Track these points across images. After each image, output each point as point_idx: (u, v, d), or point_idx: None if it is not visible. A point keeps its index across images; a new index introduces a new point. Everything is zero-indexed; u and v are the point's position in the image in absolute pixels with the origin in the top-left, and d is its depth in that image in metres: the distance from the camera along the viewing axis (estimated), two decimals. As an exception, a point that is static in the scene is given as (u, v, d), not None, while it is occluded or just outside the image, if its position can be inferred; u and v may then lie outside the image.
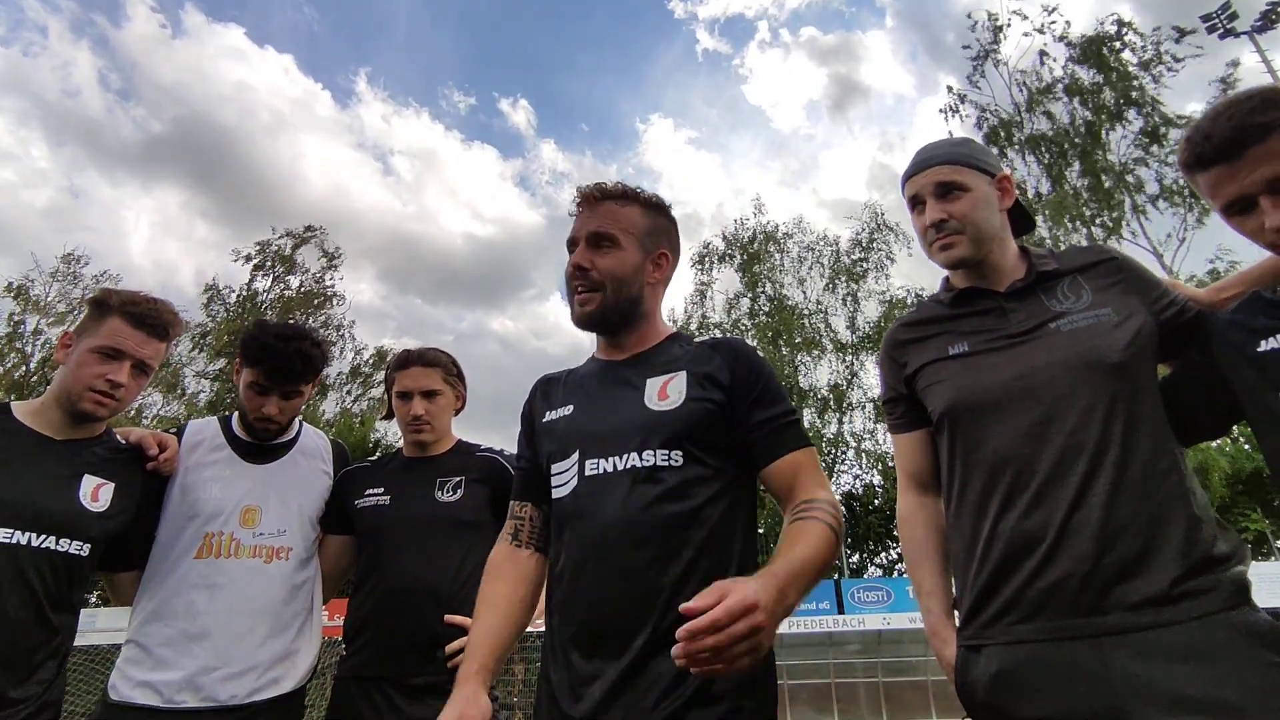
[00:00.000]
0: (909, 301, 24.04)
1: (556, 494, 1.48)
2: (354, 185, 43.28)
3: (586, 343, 1.69)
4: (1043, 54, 23.48)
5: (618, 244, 1.54)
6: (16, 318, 24.38)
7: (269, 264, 26.85)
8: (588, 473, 1.42)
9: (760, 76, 48.34)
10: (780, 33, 51.37)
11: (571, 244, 1.58)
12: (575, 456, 1.45)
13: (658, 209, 1.62)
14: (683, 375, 1.47)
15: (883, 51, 44.96)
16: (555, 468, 1.49)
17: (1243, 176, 1.31)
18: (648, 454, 1.38)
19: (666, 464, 1.37)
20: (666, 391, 1.45)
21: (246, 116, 40.80)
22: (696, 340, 1.59)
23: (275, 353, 2.04)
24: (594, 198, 1.57)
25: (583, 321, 1.56)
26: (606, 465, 1.40)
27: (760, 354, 1.56)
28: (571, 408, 1.53)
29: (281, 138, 42.52)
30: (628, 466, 1.39)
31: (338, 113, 45.96)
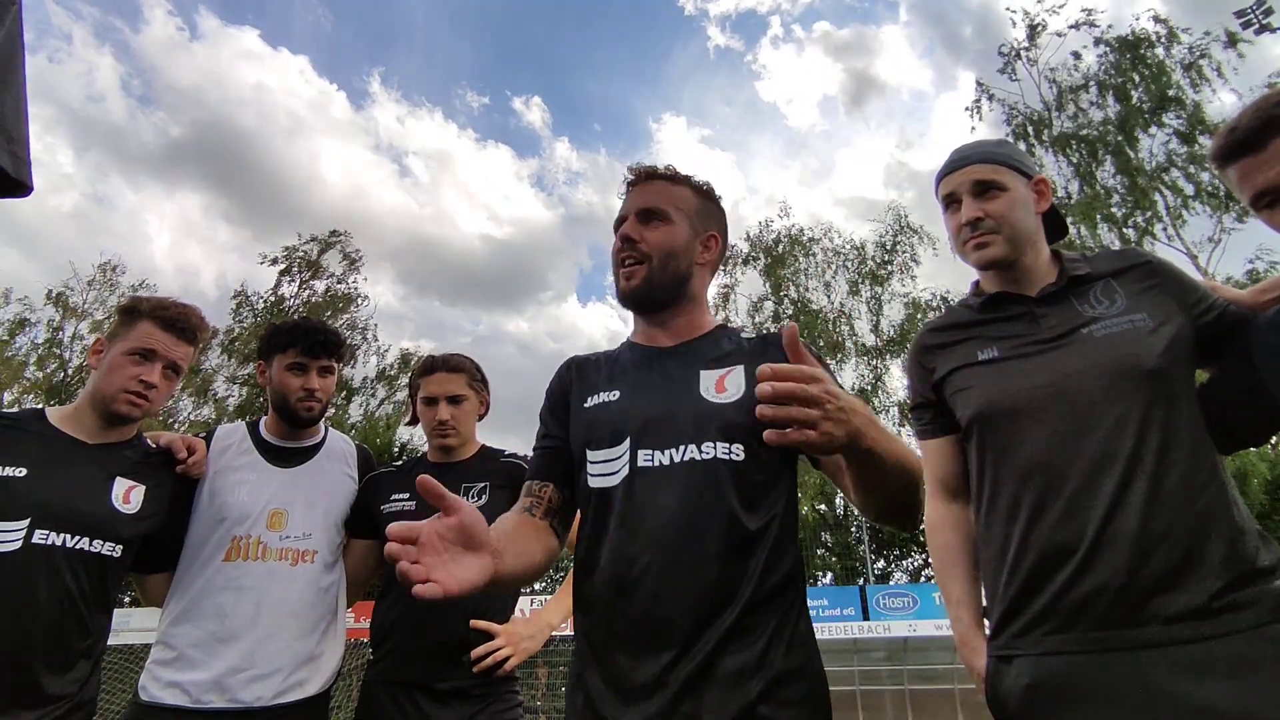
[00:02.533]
0: (933, 304, 23.75)
1: (598, 483, 1.38)
2: (371, 187, 43.86)
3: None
4: (1076, 54, 23.11)
5: (667, 219, 1.50)
6: (55, 324, 25.05)
7: (295, 268, 27.30)
8: (641, 464, 1.33)
9: (774, 73, 47.90)
10: (793, 28, 51.00)
11: (620, 222, 1.53)
12: (626, 445, 1.36)
13: (708, 193, 1.60)
14: (740, 369, 1.40)
15: (899, 46, 44.29)
16: (596, 455, 1.40)
17: (1268, 168, 1.31)
18: (708, 446, 1.31)
19: (728, 457, 1.31)
20: (724, 385, 1.39)
21: (264, 119, 41.55)
22: (746, 332, 1.53)
23: (306, 330, 2.18)
24: (645, 175, 1.55)
25: (628, 296, 1.50)
26: (663, 457, 1.32)
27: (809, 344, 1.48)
28: (618, 394, 1.44)
29: (299, 140, 43.21)
30: (686, 459, 1.31)
31: (353, 114, 46.55)
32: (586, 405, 1.47)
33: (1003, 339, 1.51)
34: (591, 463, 1.40)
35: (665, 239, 1.49)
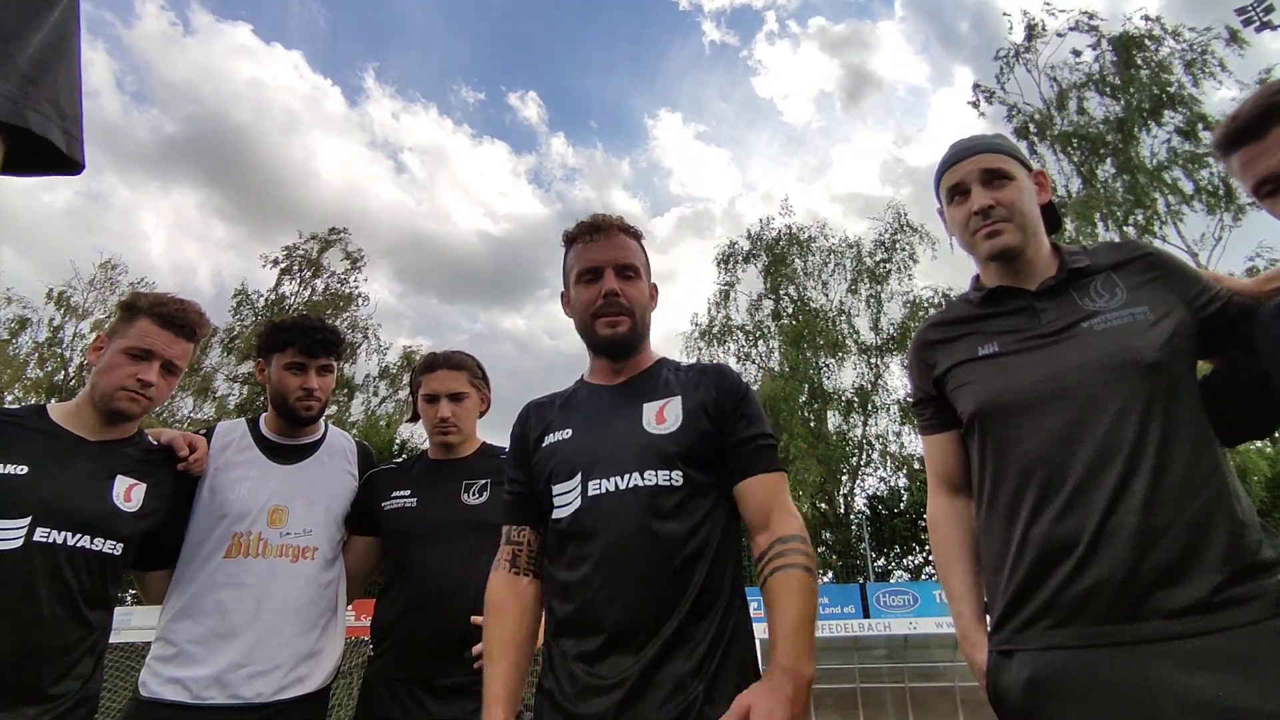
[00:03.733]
0: (934, 301, 23.69)
1: (559, 513, 1.54)
2: (367, 184, 43.85)
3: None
4: (1076, 53, 23.06)
5: (638, 274, 1.67)
6: (56, 324, 25.05)
7: (295, 267, 27.28)
8: (591, 492, 1.49)
9: (770, 69, 47.97)
10: (788, 24, 51.26)
11: (593, 271, 1.64)
12: (579, 477, 1.52)
13: (643, 243, 1.76)
14: (677, 400, 1.57)
15: (895, 41, 44.31)
16: (557, 488, 1.56)
17: (1269, 156, 1.32)
18: (649, 474, 1.47)
19: (668, 483, 1.47)
20: (664, 415, 1.55)
21: (259, 115, 41.45)
22: (683, 366, 1.70)
23: (305, 329, 2.17)
24: (613, 229, 1.68)
25: (615, 343, 1.63)
26: (609, 485, 1.48)
27: (741, 378, 1.67)
28: (571, 431, 1.61)
29: (294, 136, 43.12)
30: (630, 486, 1.47)
31: (348, 110, 46.54)
32: (545, 444, 1.63)
33: (1003, 334, 1.51)
34: (556, 494, 1.56)
35: (640, 294, 1.66)
